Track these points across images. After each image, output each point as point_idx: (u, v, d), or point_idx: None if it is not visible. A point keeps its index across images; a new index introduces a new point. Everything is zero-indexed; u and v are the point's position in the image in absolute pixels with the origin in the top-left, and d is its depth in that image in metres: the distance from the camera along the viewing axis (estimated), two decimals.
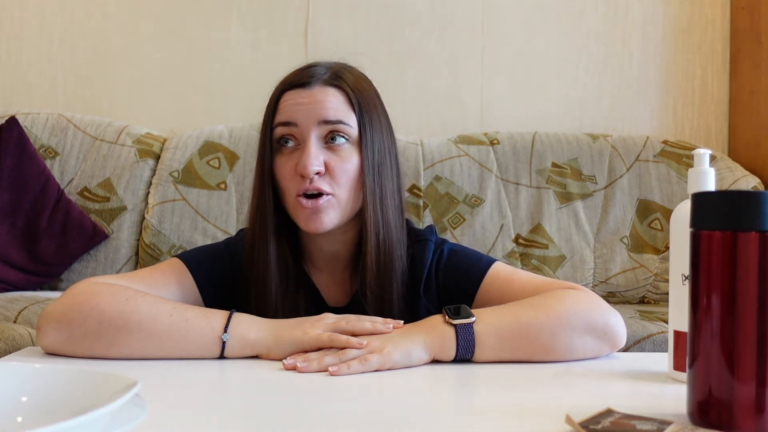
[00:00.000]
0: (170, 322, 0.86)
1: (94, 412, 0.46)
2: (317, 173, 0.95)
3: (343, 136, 0.97)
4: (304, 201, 0.96)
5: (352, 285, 1.04)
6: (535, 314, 0.89)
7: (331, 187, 0.96)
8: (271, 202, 0.99)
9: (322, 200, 0.96)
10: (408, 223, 1.08)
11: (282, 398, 0.70)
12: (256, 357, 0.87)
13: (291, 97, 0.98)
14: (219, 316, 0.89)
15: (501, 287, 0.99)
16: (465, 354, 0.87)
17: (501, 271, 1.01)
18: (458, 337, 0.86)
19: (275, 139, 0.99)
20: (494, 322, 0.88)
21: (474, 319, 0.88)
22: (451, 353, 0.87)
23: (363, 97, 1.00)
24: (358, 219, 1.01)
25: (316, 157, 0.95)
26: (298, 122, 0.97)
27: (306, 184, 0.95)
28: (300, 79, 0.99)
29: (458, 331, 0.87)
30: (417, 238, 1.06)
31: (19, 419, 0.56)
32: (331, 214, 0.97)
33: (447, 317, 0.88)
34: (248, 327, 0.88)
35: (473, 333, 0.87)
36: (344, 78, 1.00)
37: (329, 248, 1.04)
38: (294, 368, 0.81)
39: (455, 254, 1.05)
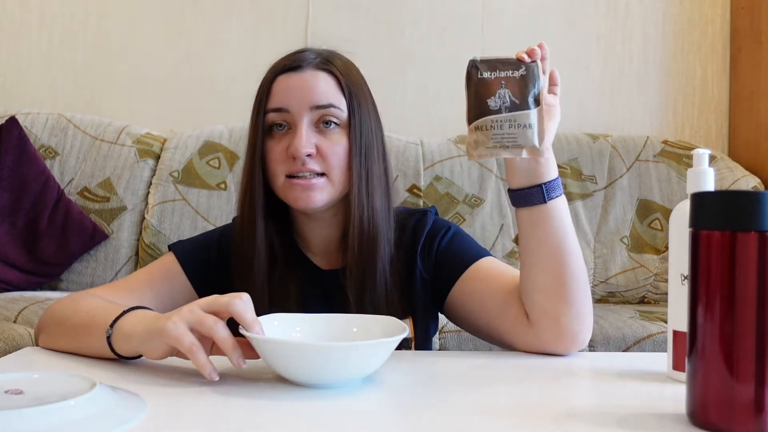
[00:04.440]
0: (86, 317, 0.87)
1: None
2: (308, 155, 0.97)
3: (334, 121, 0.99)
4: (295, 180, 0.98)
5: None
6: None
7: (322, 168, 0.98)
8: (260, 184, 1.00)
9: (315, 180, 0.98)
10: (405, 208, 1.10)
11: (282, 398, 0.70)
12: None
13: (283, 81, 1.00)
14: (120, 311, 0.83)
15: (481, 282, 1.01)
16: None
17: (485, 267, 1.03)
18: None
19: (267, 124, 1.01)
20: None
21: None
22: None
23: (352, 81, 1.02)
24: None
25: (307, 139, 0.97)
26: (290, 108, 0.99)
27: (297, 165, 0.97)
28: (291, 63, 1.01)
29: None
30: (414, 212, 1.09)
31: None
32: (323, 192, 0.98)
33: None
34: (130, 320, 0.81)
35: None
36: (334, 62, 1.02)
37: (321, 231, 1.05)
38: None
39: (458, 235, 1.07)
